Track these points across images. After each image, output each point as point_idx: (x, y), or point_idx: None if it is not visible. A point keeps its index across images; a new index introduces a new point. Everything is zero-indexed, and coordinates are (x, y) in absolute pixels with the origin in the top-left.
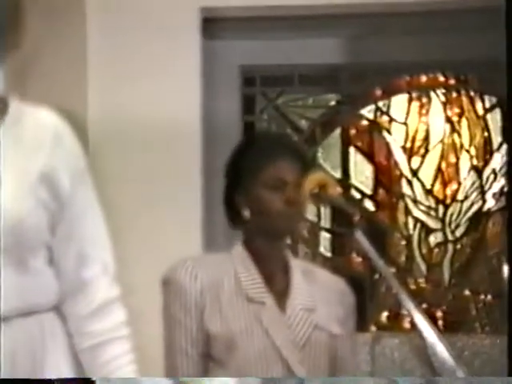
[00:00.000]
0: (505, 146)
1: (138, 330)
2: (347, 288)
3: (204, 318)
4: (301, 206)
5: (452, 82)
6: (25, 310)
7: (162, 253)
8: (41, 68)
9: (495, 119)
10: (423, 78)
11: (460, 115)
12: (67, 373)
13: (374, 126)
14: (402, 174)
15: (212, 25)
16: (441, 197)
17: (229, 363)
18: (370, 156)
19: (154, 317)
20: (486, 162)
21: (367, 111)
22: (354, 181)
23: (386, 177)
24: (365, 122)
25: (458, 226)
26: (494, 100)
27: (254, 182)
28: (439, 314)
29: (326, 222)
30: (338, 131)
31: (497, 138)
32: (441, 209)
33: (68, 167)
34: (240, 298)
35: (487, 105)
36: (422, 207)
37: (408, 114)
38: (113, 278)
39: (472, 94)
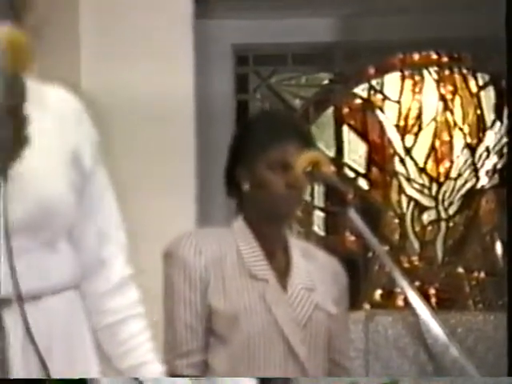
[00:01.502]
0: (498, 124)
1: None
2: (341, 268)
3: (208, 293)
4: (302, 189)
5: (445, 59)
6: (52, 288)
7: (156, 228)
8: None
9: (488, 97)
10: (416, 56)
11: (453, 93)
12: (91, 348)
13: (368, 104)
14: (395, 153)
15: (205, 4)
16: (434, 175)
17: (231, 339)
18: (363, 134)
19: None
20: (479, 140)
21: (360, 90)
22: (347, 159)
23: (379, 155)
24: (358, 101)
25: (451, 204)
26: (487, 78)
27: (257, 161)
28: (432, 291)
29: (319, 201)
30: (331, 110)
31: (490, 116)
32: (434, 187)
33: (89, 144)
34: (243, 275)
35: (480, 82)
36: (416, 185)
37: (401, 92)
38: (127, 256)
39: (465, 71)
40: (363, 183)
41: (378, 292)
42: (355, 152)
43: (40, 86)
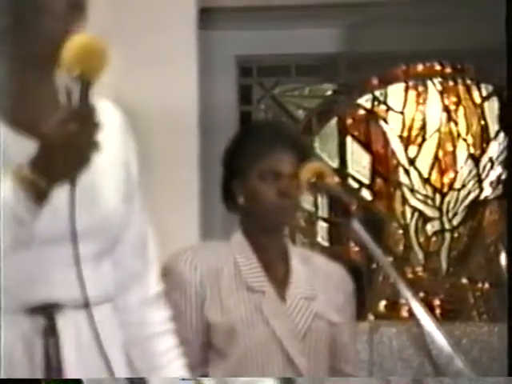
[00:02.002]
0: (501, 134)
1: None
2: (346, 275)
3: (204, 307)
4: (296, 197)
5: (448, 70)
6: (94, 299)
7: (159, 240)
8: None
9: (492, 107)
10: (420, 67)
11: (457, 104)
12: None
13: (371, 115)
14: (399, 163)
15: (208, 15)
16: (438, 185)
17: (229, 353)
18: (366, 145)
19: None
20: (483, 151)
21: (364, 100)
22: (350, 170)
23: (383, 166)
24: (362, 112)
25: (455, 215)
26: (491, 88)
27: (249, 172)
28: (437, 302)
29: (323, 212)
30: (334, 121)
31: (494, 127)
32: (438, 197)
33: (134, 159)
34: (240, 288)
35: (484, 93)
36: (420, 196)
37: (405, 103)
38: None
39: (469, 82)
40: (367, 194)
41: (383, 303)
42: (359, 163)
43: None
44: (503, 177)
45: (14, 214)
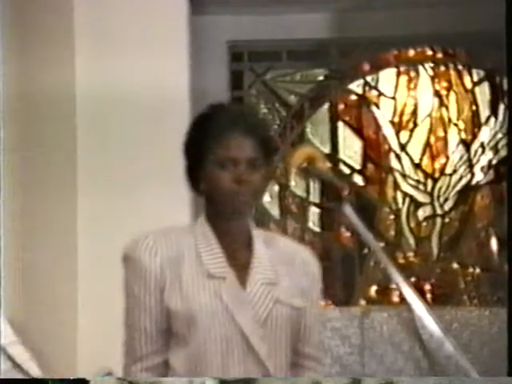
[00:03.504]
0: (492, 120)
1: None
2: (311, 257)
3: (164, 295)
4: (254, 184)
5: (440, 55)
6: None
7: (150, 224)
8: (29, 43)
9: (483, 93)
10: (411, 52)
11: (448, 89)
12: None
13: (363, 100)
14: (390, 149)
15: (199, 0)
16: (429, 171)
17: (190, 340)
18: (358, 131)
19: None
20: (474, 136)
21: (355, 86)
22: (342, 155)
23: (374, 151)
24: (353, 97)
25: (446, 200)
26: (482, 73)
27: (208, 158)
28: (428, 287)
29: (314, 197)
30: (326, 106)
31: (485, 112)
32: (429, 183)
33: None
34: (200, 274)
35: (475, 78)
36: (411, 181)
37: (396, 88)
38: None
39: (460, 67)
40: (359, 179)
41: (374, 288)
42: (350, 148)
43: None
44: (494, 162)
45: None
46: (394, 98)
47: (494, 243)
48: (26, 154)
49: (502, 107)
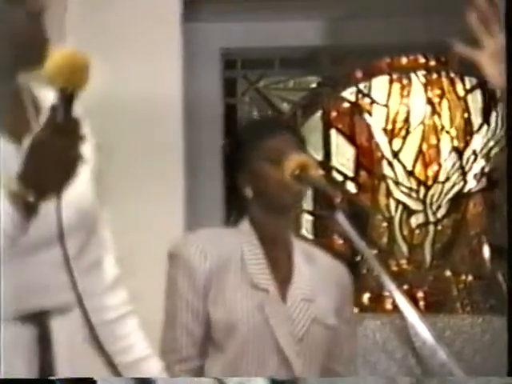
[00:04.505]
0: (485, 127)
1: None
2: (346, 272)
3: (208, 300)
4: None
5: (432, 63)
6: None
7: (144, 229)
8: None
9: (476, 100)
10: (404, 60)
11: (441, 96)
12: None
13: (355, 108)
14: (383, 156)
15: (193, 7)
16: (422, 178)
17: (227, 348)
18: (351, 138)
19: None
20: (467, 143)
21: (348, 93)
22: (335, 163)
23: (367, 159)
24: (346, 104)
25: (439, 208)
26: (475, 81)
27: (254, 158)
28: (421, 294)
29: (307, 204)
30: (319, 114)
31: (477, 119)
32: (422, 190)
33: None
34: (244, 283)
35: (467, 86)
36: (404, 189)
37: (389, 95)
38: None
39: (452, 75)
40: (351, 187)
41: (367, 295)
42: (343, 155)
43: None
44: (486, 169)
45: (3, 228)
46: (386, 105)
47: (486, 251)
48: None
49: (494, 115)
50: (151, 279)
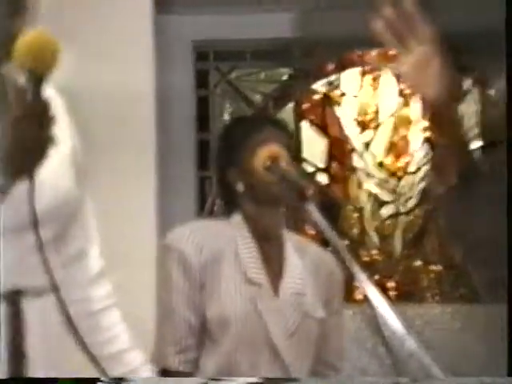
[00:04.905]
0: None
1: None
2: (336, 266)
3: (204, 292)
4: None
5: None
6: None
7: (115, 225)
8: None
9: None
10: (375, 52)
11: None
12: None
13: (327, 99)
14: (354, 148)
15: (164, 0)
16: (393, 169)
17: (221, 341)
18: (322, 130)
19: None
20: None
21: (320, 85)
22: (307, 154)
23: (338, 150)
24: (317, 96)
25: (410, 198)
26: None
27: (243, 152)
28: (391, 284)
29: None
30: (290, 105)
31: None
32: (393, 181)
33: (78, 141)
34: (238, 277)
35: None
36: (375, 180)
37: (360, 87)
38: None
39: None
40: (323, 178)
41: None
42: (315, 147)
43: None
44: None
45: None
46: (357, 97)
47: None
48: None
49: (464, 106)
50: (126, 272)
